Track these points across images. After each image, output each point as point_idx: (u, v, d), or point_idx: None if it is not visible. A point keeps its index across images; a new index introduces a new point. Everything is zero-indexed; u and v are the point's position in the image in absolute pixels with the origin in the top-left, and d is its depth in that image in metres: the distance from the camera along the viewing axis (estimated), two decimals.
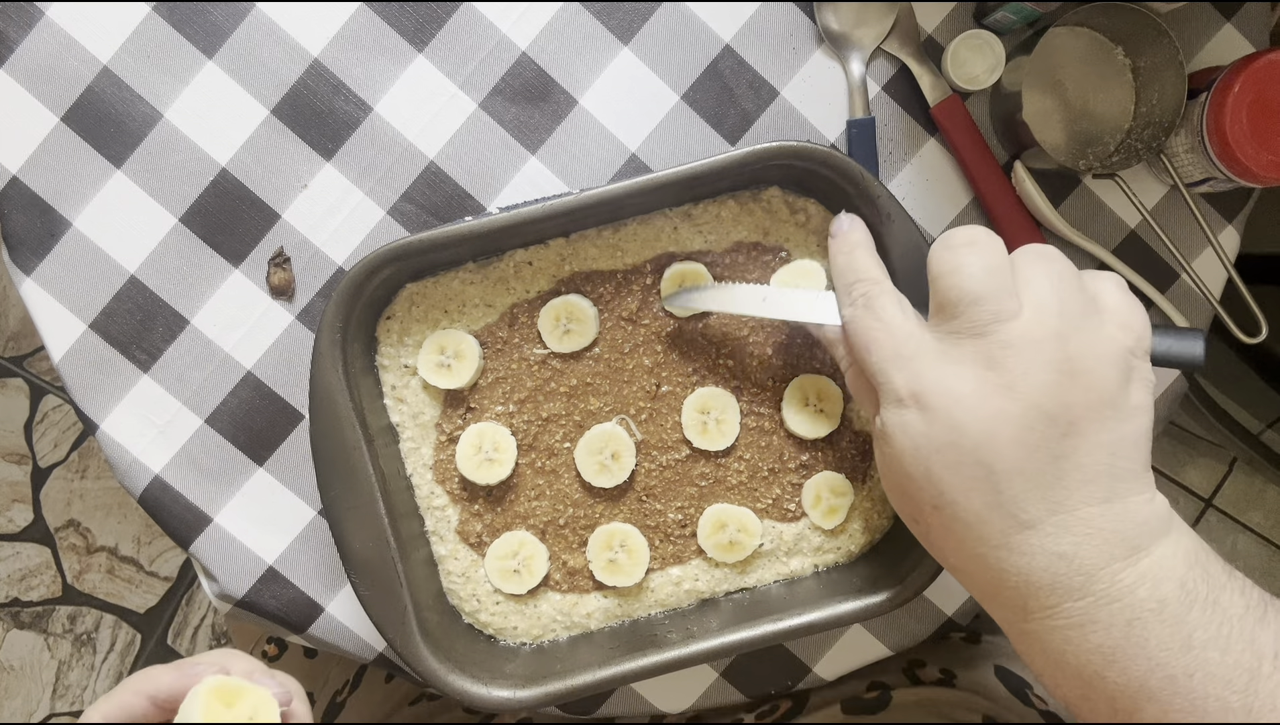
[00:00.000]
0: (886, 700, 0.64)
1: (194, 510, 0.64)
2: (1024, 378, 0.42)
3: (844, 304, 0.50)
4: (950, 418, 0.43)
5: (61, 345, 0.63)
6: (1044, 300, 0.43)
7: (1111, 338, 0.43)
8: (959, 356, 0.43)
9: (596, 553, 0.60)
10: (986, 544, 0.43)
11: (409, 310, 0.59)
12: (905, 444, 0.44)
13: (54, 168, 0.62)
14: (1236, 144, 0.56)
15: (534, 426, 0.60)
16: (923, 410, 0.43)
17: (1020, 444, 0.42)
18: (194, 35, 0.62)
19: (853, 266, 0.51)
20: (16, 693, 1.50)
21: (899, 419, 0.44)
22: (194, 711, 0.41)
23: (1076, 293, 0.44)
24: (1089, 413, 0.42)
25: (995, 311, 0.42)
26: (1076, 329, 0.42)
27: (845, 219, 0.54)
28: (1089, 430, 0.42)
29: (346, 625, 0.65)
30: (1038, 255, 0.45)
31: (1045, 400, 0.41)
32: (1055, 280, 0.44)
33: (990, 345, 0.42)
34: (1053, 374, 0.42)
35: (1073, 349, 0.42)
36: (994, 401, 0.42)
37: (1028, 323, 0.42)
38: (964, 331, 0.43)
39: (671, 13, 0.62)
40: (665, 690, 0.66)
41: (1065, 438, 0.42)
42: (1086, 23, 0.60)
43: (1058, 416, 0.42)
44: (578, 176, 0.63)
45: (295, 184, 0.63)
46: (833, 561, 0.61)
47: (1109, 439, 0.42)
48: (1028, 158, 0.62)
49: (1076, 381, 0.42)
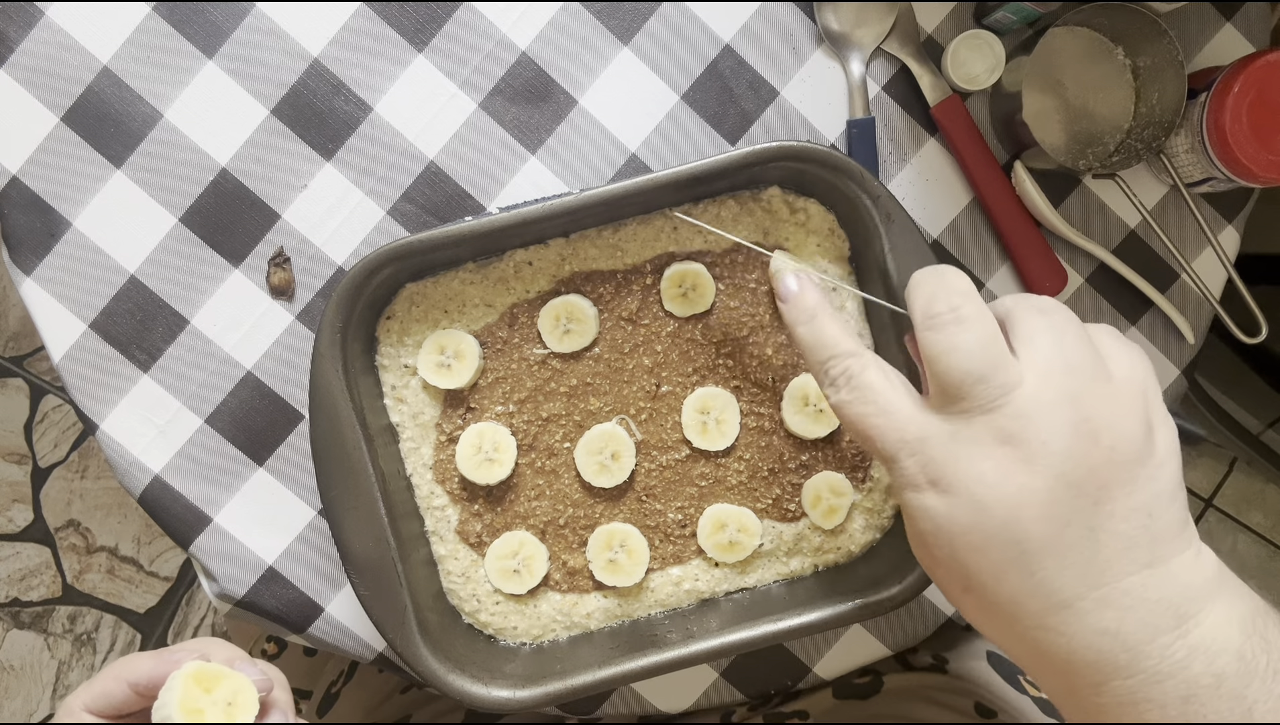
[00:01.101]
0: (878, 686, 0.65)
1: (194, 510, 0.64)
2: (1043, 447, 0.39)
3: (823, 384, 0.45)
4: (972, 498, 0.39)
5: (61, 345, 0.63)
6: (1049, 360, 0.40)
7: (1125, 387, 0.40)
8: (972, 436, 0.40)
9: (596, 553, 0.60)
10: (1023, 624, 0.40)
11: (409, 310, 0.59)
12: (927, 526, 0.41)
13: (54, 168, 0.62)
14: (1236, 144, 0.56)
15: (534, 426, 0.60)
16: (942, 493, 0.40)
17: (1049, 519, 0.39)
18: (194, 35, 0.62)
19: (821, 339, 0.46)
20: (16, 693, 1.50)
21: (919, 503, 0.41)
22: (172, 697, 0.41)
23: (1081, 345, 0.40)
24: (1118, 474, 0.39)
25: (1001, 385, 0.39)
26: (1088, 385, 0.39)
27: (791, 278, 0.49)
28: (1121, 494, 0.38)
29: (346, 625, 0.65)
30: (1034, 310, 0.41)
31: (1069, 468, 0.38)
32: (1057, 336, 0.40)
33: (1003, 419, 0.39)
34: (1073, 439, 0.38)
35: (1088, 407, 0.39)
36: (1016, 477, 0.39)
37: (1035, 388, 0.39)
38: (973, 411, 0.40)
39: (671, 13, 0.62)
40: (665, 690, 0.66)
41: (1097, 506, 0.38)
42: (1086, 23, 0.60)
43: (1085, 484, 0.38)
44: (578, 176, 0.63)
45: (295, 184, 0.63)
46: (833, 561, 0.61)
47: (1144, 498, 0.39)
48: (1028, 158, 0.62)
49: (1099, 443, 0.39)
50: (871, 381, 0.43)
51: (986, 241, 0.64)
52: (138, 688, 0.44)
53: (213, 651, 0.45)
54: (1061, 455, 0.38)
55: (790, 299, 0.48)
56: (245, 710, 0.43)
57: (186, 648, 0.45)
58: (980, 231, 0.64)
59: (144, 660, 0.44)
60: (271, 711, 0.45)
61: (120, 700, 0.44)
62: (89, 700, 0.44)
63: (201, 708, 0.42)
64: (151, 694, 0.43)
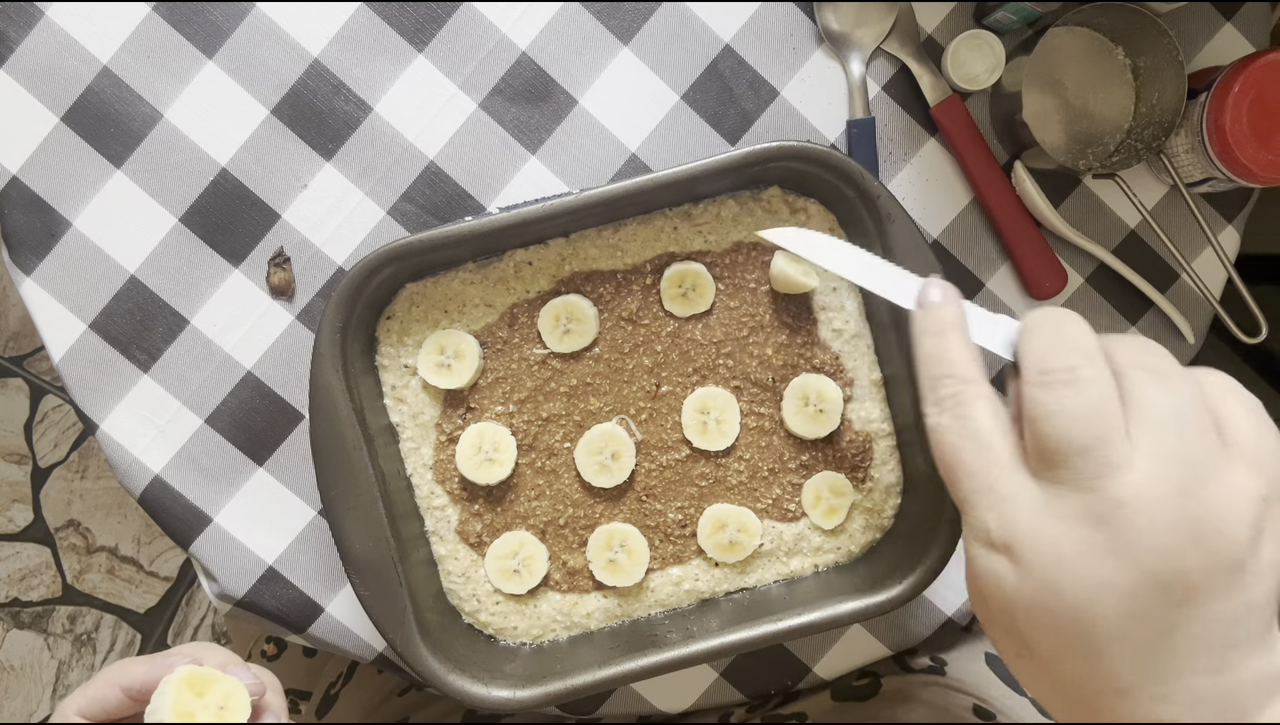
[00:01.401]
0: (876, 688, 0.65)
1: (194, 510, 0.64)
2: (1138, 541, 0.35)
3: (928, 401, 0.42)
4: (1047, 578, 0.37)
5: (61, 345, 0.63)
6: (1165, 446, 0.36)
7: (1243, 488, 0.36)
8: (1061, 511, 0.37)
9: (596, 553, 0.60)
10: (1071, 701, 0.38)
11: (409, 310, 0.59)
12: (992, 591, 0.39)
13: (54, 168, 0.62)
14: (1236, 144, 0.56)
15: (534, 426, 0.60)
16: (1015, 562, 0.37)
17: (1126, 614, 0.36)
18: (194, 35, 0.62)
19: (944, 356, 0.42)
20: (16, 693, 1.50)
21: (987, 563, 0.39)
22: (165, 701, 0.42)
23: (1204, 429, 0.37)
24: (1210, 578, 0.35)
25: (1105, 462, 0.36)
26: (1204, 480, 0.36)
27: (936, 287, 0.44)
28: (1208, 598, 0.35)
29: (346, 625, 0.65)
30: (1157, 381, 0.37)
31: (1161, 566, 0.35)
32: (1178, 416, 0.36)
33: (1100, 502, 0.36)
34: (1172, 538, 0.35)
35: (1198, 507, 0.35)
36: (1101, 568, 0.36)
37: (1146, 476, 0.35)
38: (1067, 483, 0.37)
39: (671, 13, 0.62)
40: (665, 690, 0.66)
41: (1179, 607, 0.35)
42: (1086, 23, 0.60)
43: (1173, 584, 0.35)
44: (578, 176, 0.63)
45: (295, 184, 0.63)
46: (833, 561, 0.61)
47: (1232, 607, 0.36)
48: (1028, 158, 0.62)
49: (1199, 544, 0.35)
50: (978, 414, 0.40)
51: (986, 241, 0.64)
52: (130, 692, 0.44)
53: (205, 656, 0.46)
54: (1156, 553, 0.35)
55: (929, 308, 0.44)
56: (237, 714, 0.43)
57: (179, 652, 0.45)
58: (980, 231, 0.64)
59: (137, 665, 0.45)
60: (264, 715, 0.45)
61: (113, 705, 0.44)
62: (83, 705, 0.44)
63: (193, 711, 0.42)
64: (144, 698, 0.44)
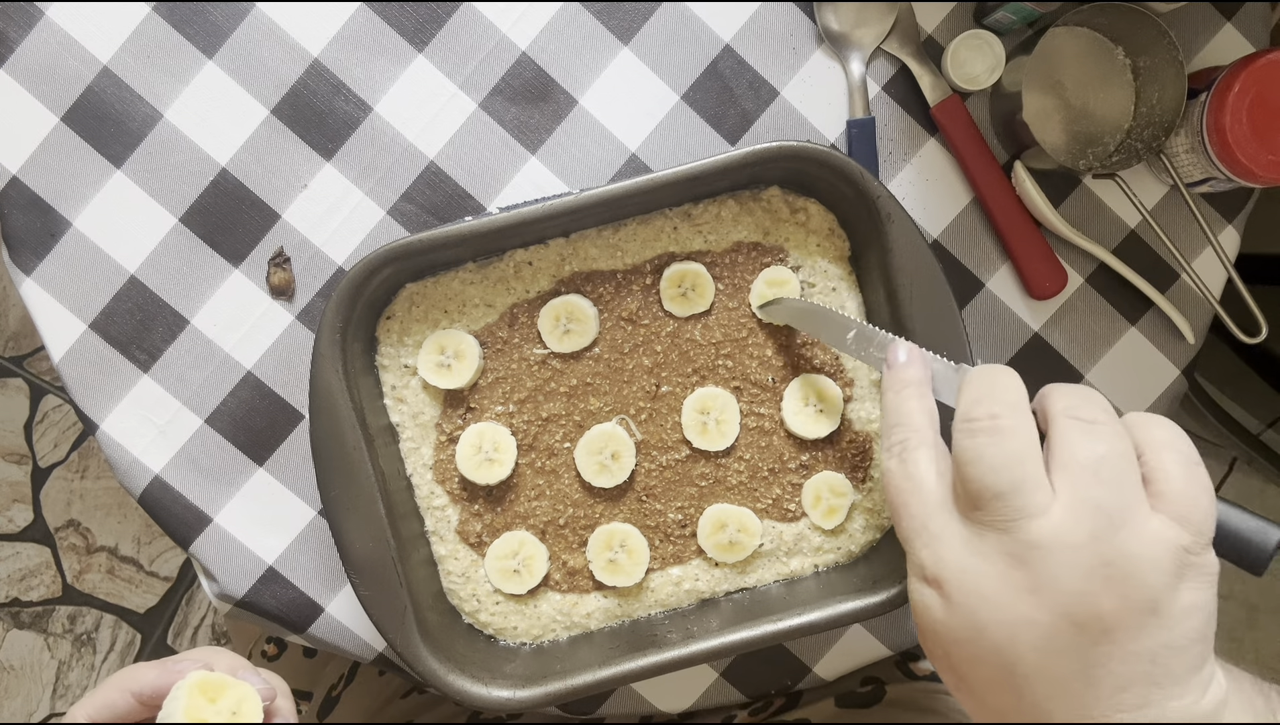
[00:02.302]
0: (880, 694, 0.65)
1: (194, 510, 0.64)
2: (1052, 583, 0.37)
3: (883, 447, 0.46)
4: (970, 614, 0.39)
5: (61, 345, 0.63)
6: (1084, 494, 0.38)
7: (1161, 537, 0.37)
8: (983, 549, 0.39)
9: (596, 553, 0.60)
10: None
11: (409, 310, 0.59)
12: (925, 623, 0.41)
13: (54, 168, 0.62)
14: (1236, 144, 0.56)
15: (534, 426, 0.60)
16: (944, 597, 0.40)
17: (1045, 650, 0.38)
18: (194, 35, 0.62)
19: (898, 408, 0.46)
20: (16, 693, 1.50)
21: (920, 595, 0.41)
22: (177, 707, 0.42)
23: (1125, 478, 0.38)
24: (1125, 619, 0.37)
25: (1020, 507, 0.38)
26: (1119, 527, 0.37)
27: (902, 349, 0.48)
28: (1123, 638, 0.37)
29: (346, 625, 0.65)
30: (1084, 430, 0.39)
31: (1076, 608, 0.37)
32: (1099, 463, 0.38)
33: (1016, 543, 0.38)
34: (1085, 582, 0.37)
35: (1111, 552, 0.37)
36: (1018, 606, 0.38)
37: (1060, 522, 0.37)
38: (989, 524, 0.39)
39: (671, 13, 0.62)
40: (665, 690, 0.66)
41: (1096, 645, 0.37)
42: (1086, 23, 0.60)
43: (1088, 624, 0.37)
44: (578, 176, 0.63)
45: (295, 184, 0.63)
46: (833, 561, 0.61)
47: (1148, 646, 0.37)
48: (1028, 158, 0.62)
49: (1112, 587, 0.37)
50: (919, 459, 0.43)
51: (986, 241, 0.64)
52: (141, 697, 0.44)
53: (215, 660, 0.46)
54: (1070, 595, 0.37)
55: (894, 367, 0.48)
56: (249, 718, 0.43)
57: (190, 657, 0.45)
58: (980, 231, 0.64)
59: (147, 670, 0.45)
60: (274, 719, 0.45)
61: (123, 710, 0.44)
62: (93, 711, 0.44)
63: (206, 717, 0.42)
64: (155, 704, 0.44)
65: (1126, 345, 0.65)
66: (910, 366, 0.48)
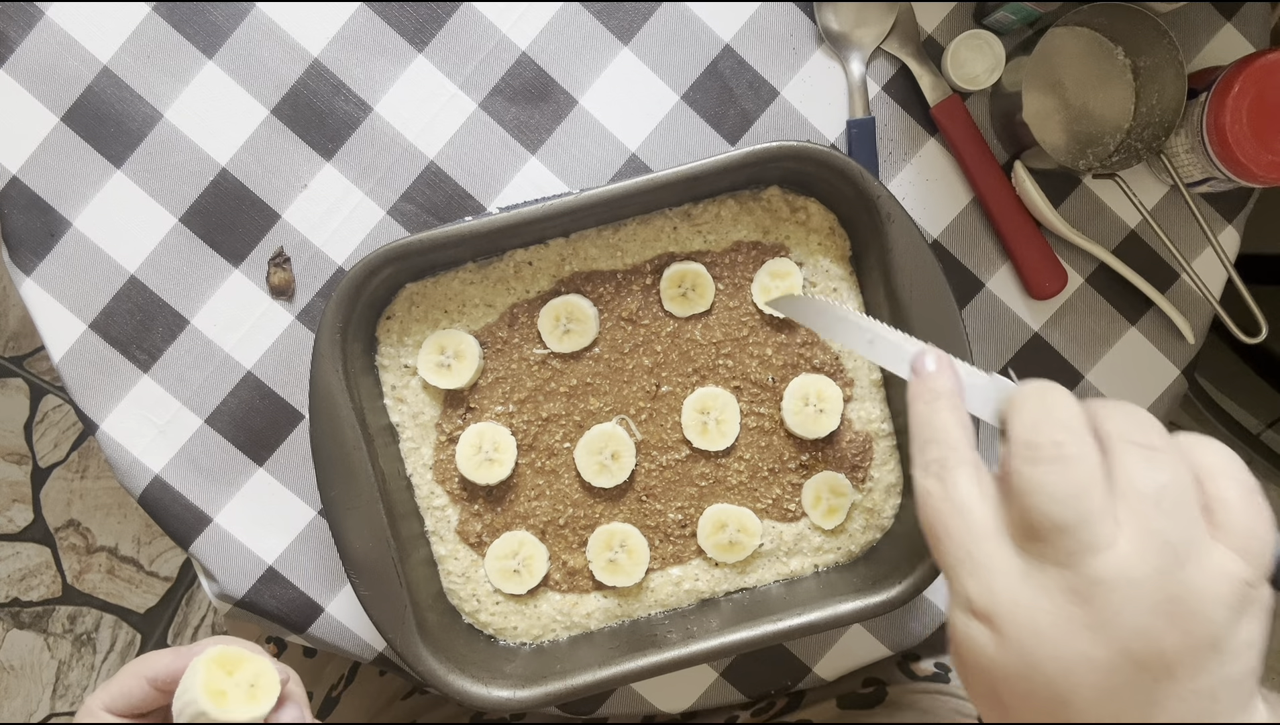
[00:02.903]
0: (882, 696, 0.65)
1: (194, 510, 0.64)
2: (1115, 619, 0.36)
3: (916, 464, 0.42)
4: (1024, 650, 0.37)
5: (61, 345, 0.63)
6: (1148, 525, 0.36)
7: (1225, 572, 0.36)
8: (1043, 584, 0.37)
9: (596, 553, 0.60)
10: None
11: (409, 310, 0.59)
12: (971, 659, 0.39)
13: (54, 168, 0.62)
14: (1236, 144, 0.56)
15: (534, 426, 0.60)
16: (995, 631, 0.37)
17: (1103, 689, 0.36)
18: (194, 35, 0.62)
19: (931, 422, 0.42)
20: (16, 693, 1.50)
21: (966, 630, 0.39)
22: (196, 679, 0.41)
23: (1188, 509, 0.36)
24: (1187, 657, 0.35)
25: (1085, 542, 0.36)
26: (1184, 561, 0.36)
27: (930, 357, 0.45)
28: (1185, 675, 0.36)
29: (346, 625, 0.65)
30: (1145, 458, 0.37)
31: (1137, 645, 0.35)
32: (1163, 495, 0.36)
33: (1079, 579, 0.36)
34: (1149, 618, 0.35)
35: (1177, 588, 0.35)
36: (1078, 642, 0.36)
37: (1126, 557, 0.36)
38: (1049, 558, 0.37)
39: (671, 13, 0.62)
40: (665, 690, 0.66)
41: (1157, 684, 0.36)
42: (1086, 23, 0.60)
43: (1150, 663, 0.36)
44: (578, 176, 0.63)
45: (295, 184, 0.63)
46: (833, 561, 0.61)
47: (1209, 683, 0.36)
48: (1028, 158, 0.62)
49: (1176, 624, 0.35)
50: (960, 481, 0.40)
51: (986, 241, 0.64)
52: (157, 683, 0.44)
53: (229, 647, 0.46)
54: (1133, 632, 0.35)
55: (923, 376, 0.44)
56: (267, 692, 0.43)
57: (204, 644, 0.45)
58: (980, 231, 0.64)
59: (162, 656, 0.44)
60: (288, 705, 0.45)
61: (140, 698, 0.44)
62: (108, 700, 0.44)
63: (224, 689, 0.42)
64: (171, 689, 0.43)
65: (1126, 345, 0.65)
66: (941, 376, 0.44)
